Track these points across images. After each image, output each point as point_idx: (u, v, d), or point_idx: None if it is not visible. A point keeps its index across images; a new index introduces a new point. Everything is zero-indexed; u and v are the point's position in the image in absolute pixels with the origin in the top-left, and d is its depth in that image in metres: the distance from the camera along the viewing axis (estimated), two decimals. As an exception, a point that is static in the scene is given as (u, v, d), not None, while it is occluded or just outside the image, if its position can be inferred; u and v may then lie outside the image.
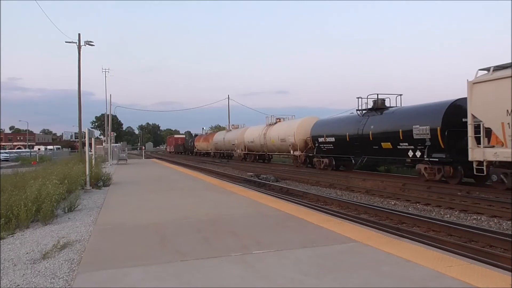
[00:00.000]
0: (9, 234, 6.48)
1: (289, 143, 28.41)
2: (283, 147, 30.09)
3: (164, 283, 3.75)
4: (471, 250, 6.57)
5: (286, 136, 29.06)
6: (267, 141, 32.81)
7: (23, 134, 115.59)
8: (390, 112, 19.30)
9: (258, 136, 34.69)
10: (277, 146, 31.33)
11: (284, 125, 31.19)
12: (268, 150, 33.61)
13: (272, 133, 32.09)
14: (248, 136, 37.32)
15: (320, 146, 24.07)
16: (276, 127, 32.04)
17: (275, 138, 31.05)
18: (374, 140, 19.01)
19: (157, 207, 8.55)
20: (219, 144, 47.77)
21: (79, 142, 36.40)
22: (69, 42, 32.01)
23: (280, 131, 30.63)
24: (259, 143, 34.63)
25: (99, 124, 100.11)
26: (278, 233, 5.68)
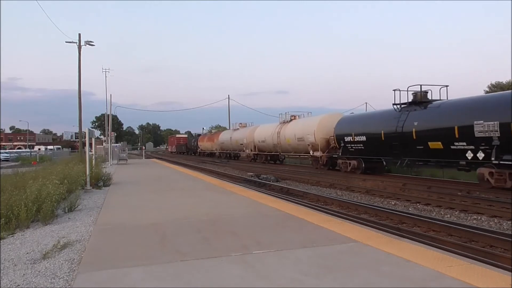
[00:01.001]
0: (9, 234, 6.48)
1: (308, 143, 25.18)
2: (300, 147, 27.02)
3: (164, 283, 3.75)
4: (471, 250, 6.56)
5: (305, 134, 25.87)
6: (281, 140, 29.78)
7: (23, 134, 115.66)
8: (436, 106, 16.25)
9: (270, 135, 31.78)
10: (293, 146, 28.30)
11: (302, 123, 27.87)
12: (282, 151, 30.59)
13: (287, 131, 28.98)
14: (259, 135, 34.47)
15: (346, 146, 21.15)
16: (292, 125, 28.89)
17: (291, 137, 28.01)
18: (418, 139, 16.05)
19: (157, 207, 8.55)
20: (225, 144, 45.32)
21: (79, 142, 36.41)
22: (69, 42, 32.05)
23: (297, 129, 27.45)
24: (271, 142, 31.69)
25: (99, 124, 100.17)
26: (278, 233, 5.68)
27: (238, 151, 41.83)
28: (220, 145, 47.19)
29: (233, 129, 44.87)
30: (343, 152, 21.63)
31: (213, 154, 52.21)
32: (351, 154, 20.97)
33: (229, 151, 45.20)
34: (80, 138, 35.33)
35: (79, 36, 31.90)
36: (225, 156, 46.32)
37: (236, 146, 41.35)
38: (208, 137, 54.93)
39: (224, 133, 48.57)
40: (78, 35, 31.86)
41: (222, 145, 46.60)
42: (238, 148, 41.12)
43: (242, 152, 39.82)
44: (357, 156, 20.51)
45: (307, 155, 26.92)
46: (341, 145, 21.70)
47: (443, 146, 14.98)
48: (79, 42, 31.86)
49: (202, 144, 57.03)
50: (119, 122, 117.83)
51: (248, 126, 41.73)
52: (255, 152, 35.66)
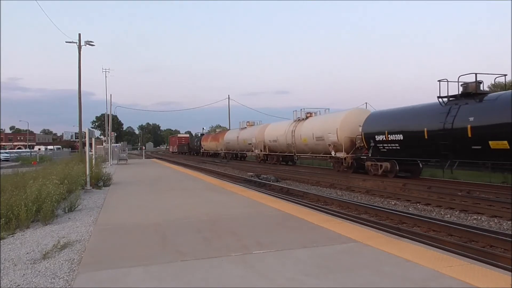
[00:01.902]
0: (9, 234, 6.48)
1: (329, 142, 22.48)
2: (319, 147, 24.31)
3: (164, 283, 3.75)
4: (472, 250, 6.56)
5: (325, 133, 23.10)
6: (296, 139, 27.02)
7: (23, 134, 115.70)
8: (494, 98, 13.89)
9: (283, 133, 29.06)
10: (310, 146, 25.53)
11: (321, 120, 25.21)
12: (297, 151, 27.80)
13: (303, 130, 26.27)
14: (270, 134, 31.95)
15: (377, 146, 18.56)
16: (309, 123, 26.22)
17: (308, 136, 25.35)
18: (474, 138, 13.76)
19: (157, 207, 8.55)
20: (231, 144, 42.85)
21: (80, 142, 36.42)
22: (69, 42, 32.09)
23: (316, 128, 24.74)
24: (284, 142, 29.08)
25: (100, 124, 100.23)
26: (278, 233, 5.68)
27: (245, 151, 39.60)
28: (226, 145, 45.03)
29: (240, 128, 41.98)
30: (373, 152, 18.97)
31: (217, 154, 50.16)
32: (383, 155, 18.39)
33: (235, 151, 42.86)
34: (80, 138, 35.34)
35: (79, 36, 31.96)
36: (231, 157, 44.26)
37: (244, 146, 39.00)
38: (213, 136, 52.52)
39: (230, 132, 46.28)
40: (78, 35, 31.93)
41: (228, 145, 44.39)
42: (246, 148, 38.80)
43: (250, 152, 37.61)
44: (390, 157, 17.92)
45: (326, 156, 24.15)
46: (371, 145, 19.00)
47: (510, 146, 12.55)
48: (79, 42, 31.88)
49: (205, 144, 55.08)
50: (119, 122, 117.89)
51: (256, 125, 39.31)
52: (265, 153, 33.24)
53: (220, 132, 51.63)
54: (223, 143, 45.96)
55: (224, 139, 45.33)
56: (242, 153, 41.40)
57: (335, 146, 22.27)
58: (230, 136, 44.03)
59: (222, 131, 52.04)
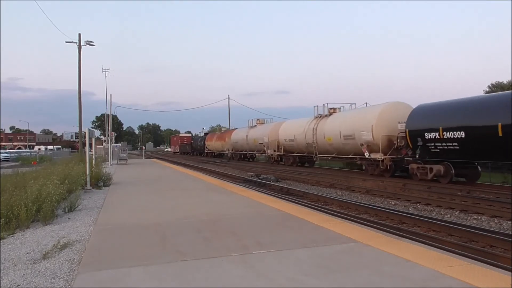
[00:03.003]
0: (9, 234, 6.48)
1: (363, 142, 19.51)
2: (347, 147, 21.34)
3: (164, 283, 3.75)
4: (472, 250, 6.57)
5: (356, 131, 20.09)
6: (318, 138, 24.01)
7: (23, 134, 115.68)
8: None
9: (302, 132, 25.89)
10: (336, 146, 22.47)
11: (350, 116, 21.99)
12: (320, 151, 24.40)
13: (327, 127, 23.23)
14: (286, 132, 28.82)
15: (427, 145, 15.71)
16: (334, 119, 23.15)
17: (333, 134, 22.33)
18: None
19: (157, 207, 8.55)
20: (239, 143, 39.83)
21: (80, 142, 36.42)
22: (69, 42, 32.08)
23: (344, 125, 21.69)
24: (303, 141, 25.91)
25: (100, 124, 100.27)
26: (278, 233, 5.68)
27: (255, 151, 36.46)
28: (233, 144, 42.03)
29: (249, 127, 38.79)
30: (421, 153, 16.11)
31: (222, 155, 47.65)
32: (434, 156, 15.57)
33: (244, 151, 39.51)
34: (80, 138, 35.35)
35: (79, 36, 31.95)
36: (238, 157, 41.51)
37: (253, 146, 35.97)
38: (218, 136, 49.28)
39: (237, 131, 42.83)
40: (78, 35, 31.92)
41: (236, 145, 41.39)
42: (256, 148, 35.73)
43: (262, 153, 34.62)
44: (445, 159, 15.12)
45: (355, 158, 21.30)
46: (418, 144, 16.17)
47: None
48: (79, 42, 31.88)
49: (210, 144, 52.11)
50: (119, 122, 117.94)
51: (268, 123, 36.67)
52: (280, 153, 30.17)
53: (226, 131, 48.68)
54: (229, 142, 43.14)
55: (231, 139, 42.32)
56: (251, 153, 38.26)
57: (369, 146, 19.19)
58: (237, 135, 40.98)
59: (228, 130, 49.26)
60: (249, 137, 36.78)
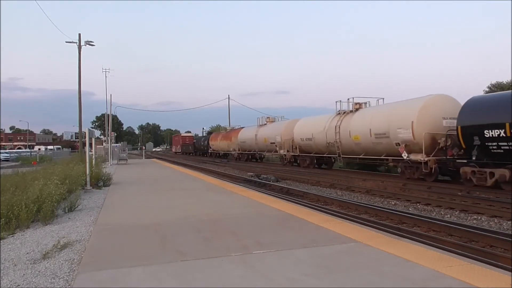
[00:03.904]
0: (9, 234, 6.48)
1: (400, 141, 17.02)
2: (379, 146, 18.83)
3: (164, 283, 3.75)
4: (471, 250, 6.56)
5: (392, 128, 17.55)
6: (342, 137, 21.65)
7: (23, 134, 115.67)
8: None
9: (322, 130, 23.58)
10: (364, 146, 19.97)
11: (383, 111, 19.33)
12: (344, 152, 21.99)
13: (354, 124, 20.83)
14: (302, 130, 26.46)
15: (487, 145, 13.43)
16: (362, 115, 20.69)
17: (362, 132, 19.91)
18: None
19: (157, 207, 8.55)
20: (247, 143, 37.46)
21: (80, 142, 36.43)
22: (69, 42, 32.10)
23: (375, 121, 19.12)
24: (323, 141, 23.49)
25: (100, 124, 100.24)
26: (278, 233, 5.68)
27: (266, 151, 34.07)
28: (240, 144, 39.64)
29: (258, 125, 36.30)
30: (479, 155, 13.80)
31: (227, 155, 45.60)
32: (496, 158, 13.30)
33: (252, 151, 37.09)
34: (80, 138, 35.36)
35: (79, 36, 31.97)
36: (246, 158, 39.15)
37: (263, 146, 33.68)
38: (223, 135, 46.89)
39: (245, 130, 39.98)
40: (78, 35, 31.95)
41: (243, 145, 39.03)
42: (266, 148, 33.49)
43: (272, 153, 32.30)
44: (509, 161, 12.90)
45: (388, 159, 18.62)
46: (474, 144, 13.94)
47: None
48: (79, 42, 31.90)
49: (214, 144, 49.87)
50: (119, 122, 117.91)
51: (279, 121, 34.36)
52: (295, 154, 27.63)
53: (232, 130, 46.07)
54: (236, 142, 40.72)
55: (238, 138, 39.84)
56: (260, 153, 35.84)
57: (407, 146, 16.73)
58: (245, 135, 38.41)
59: (234, 129, 46.46)
60: (259, 136, 34.50)
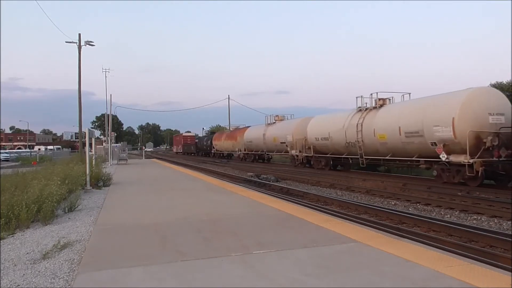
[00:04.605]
0: (9, 234, 6.48)
1: (436, 140, 15.07)
2: (411, 146, 16.60)
3: (164, 283, 3.75)
4: (471, 250, 6.56)
5: (426, 126, 15.51)
6: (365, 136, 19.50)
7: (23, 134, 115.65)
8: None
9: (341, 128, 21.49)
10: (391, 146, 17.80)
11: (414, 107, 16.94)
12: (367, 152, 19.72)
13: (378, 121, 18.70)
14: (317, 129, 24.16)
15: None
16: (388, 112, 18.56)
17: (389, 130, 17.75)
18: None
19: (157, 207, 8.55)
20: (255, 143, 35.59)
21: (79, 142, 36.43)
22: (69, 42, 32.08)
23: (404, 118, 16.95)
24: (342, 140, 21.33)
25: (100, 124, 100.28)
26: (279, 233, 5.68)
27: (275, 151, 32.19)
28: (247, 144, 37.60)
29: (266, 124, 34.31)
30: None
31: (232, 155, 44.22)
32: None
33: (260, 151, 35.14)
34: (80, 138, 35.36)
35: (79, 36, 31.96)
36: (253, 158, 37.11)
37: (272, 146, 31.74)
38: (228, 134, 45.18)
39: (252, 129, 37.81)
40: (78, 35, 31.92)
41: (250, 145, 36.99)
42: (275, 148, 31.60)
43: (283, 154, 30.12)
44: None
45: (420, 161, 16.50)
46: None
47: None
48: (79, 42, 31.88)
49: (218, 144, 47.83)
50: (119, 122, 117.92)
51: (289, 119, 32.45)
52: (309, 154, 25.39)
53: (238, 129, 43.98)
54: (242, 142, 38.80)
55: (244, 138, 37.79)
56: (269, 154, 34.08)
57: (446, 146, 14.72)
58: (252, 134, 36.41)
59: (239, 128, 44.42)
60: (267, 135, 32.47)
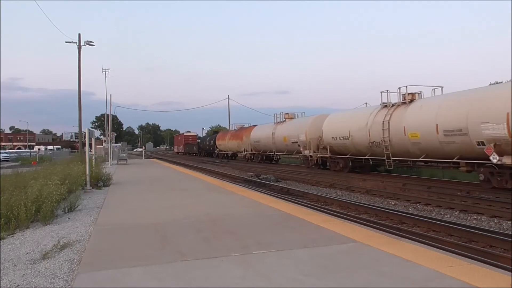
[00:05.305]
0: (9, 234, 6.48)
1: (483, 139, 12.96)
2: (449, 147, 14.53)
3: (164, 283, 3.74)
4: (471, 250, 6.56)
5: (472, 123, 13.37)
6: (393, 135, 17.28)
7: (23, 134, 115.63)
8: None
9: (363, 126, 19.31)
10: (425, 146, 15.72)
11: (455, 101, 14.58)
12: (396, 153, 17.59)
13: (408, 118, 16.57)
14: (334, 127, 22.12)
15: None
16: (421, 108, 16.23)
17: (423, 128, 15.61)
18: None
19: (157, 207, 8.54)
20: (262, 142, 33.60)
21: (79, 142, 36.43)
22: (69, 42, 32.09)
23: (443, 114, 14.75)
24: (364, 139, 19.36)
25: (99, 124, 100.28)
26: (279, 233, 5.68)
27: (285, 152, 30.19)
28: (254, 144, 35.71)
29: (276, 122, 32.22)
30: None
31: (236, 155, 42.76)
32: None
33: (269, 152, 33.18)
34: (80, 138, 35.36)
35: (79, 36, 31.97)
36: (260, 159, 35.28)
37: (282, 146, 29.80)
38: (232, 134, 43.07)
39: (259, 128, 35.92)
40: (78, 35, 31.95)
41: (257, 145, 35.05)
42: (285, 149, 29.68)
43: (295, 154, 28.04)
44: None
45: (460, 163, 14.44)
46: None
47: None
48: (79, 42, 31.90)
49: (222, 144, 46.03)
50: (119, 122, 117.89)
51: (299, 117, 30.42)
52: (324, 155, 23.32)
53: (243, 128, 41.90)
54: (248, 142, 37.00)
55: (251, 137, 35.91)
56: (278, 154, 32.27)
57: (498, 146, 12.64)
58: (260, 133, 34.42)
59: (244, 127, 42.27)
60: (277, 135, 30.47)
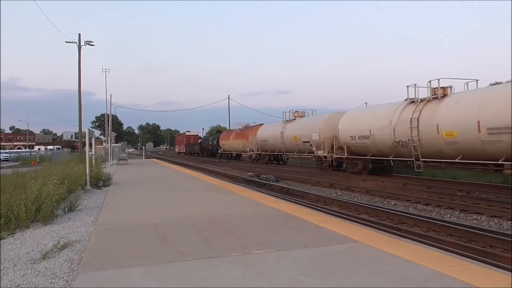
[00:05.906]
0: (9, 234, 6.48)
1: None
2: (493, 147, 13.01)
3: (164, 283, 3.74)
4: (472, 250, 6.57)
5: None
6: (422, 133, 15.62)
7: (23, 134, 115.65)
8: None
9: (388, 124, 17.55)
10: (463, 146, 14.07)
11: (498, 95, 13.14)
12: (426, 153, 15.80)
13: (442, 115, 14.89)
14: (352, 126, 20.37)
15: None
16: (458, 103, 14.50)
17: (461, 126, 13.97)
18: None
19: (157, 207, 8.54)
20: (270, 142, 32.07)
21: (79, 142, 36.44)
22: (69, 42, 32.08)
23: (484, 110, 13.14)
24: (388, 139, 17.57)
25: (99, 124, 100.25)
26: (279, 233, 5.68)
27: (295, 152, 28.32)
28: (260, 144, 34.16)
29: (284, 121, 30.49)
30: None
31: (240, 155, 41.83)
32: None
33: (277, 152, 31.38)
34: (80, 138, 35.37)
35: (79, 36, 31.97)
36: (267, 159, 33.62)
37: (293, 146, 28.07)
38: (237, 133, 41.41)
39: (266, 127, 34.41)
40: (78, 35, 31.95)
41: (264, 144, 33.50)
42: (296, 148, 27.91)
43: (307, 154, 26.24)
44: None
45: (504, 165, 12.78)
46: None
47: None
48: (79, 42, 31.89)
49: (226, 143, 44.30)
50: (119, 122, 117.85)
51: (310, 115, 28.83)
52: (341, 156, 21.62)
53: (249, 127, 40.23)
54: (254, 141, 35.43)
55: (257, 137, 34.48)
56: (287, 154, 30.66)
57: None
58: (267, 132, 32.90)
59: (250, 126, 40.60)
60: (286, 134, 28.76)
